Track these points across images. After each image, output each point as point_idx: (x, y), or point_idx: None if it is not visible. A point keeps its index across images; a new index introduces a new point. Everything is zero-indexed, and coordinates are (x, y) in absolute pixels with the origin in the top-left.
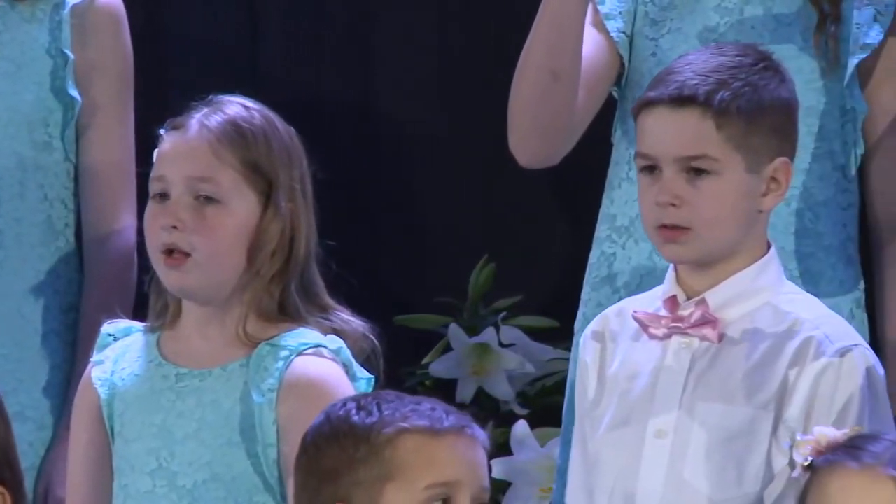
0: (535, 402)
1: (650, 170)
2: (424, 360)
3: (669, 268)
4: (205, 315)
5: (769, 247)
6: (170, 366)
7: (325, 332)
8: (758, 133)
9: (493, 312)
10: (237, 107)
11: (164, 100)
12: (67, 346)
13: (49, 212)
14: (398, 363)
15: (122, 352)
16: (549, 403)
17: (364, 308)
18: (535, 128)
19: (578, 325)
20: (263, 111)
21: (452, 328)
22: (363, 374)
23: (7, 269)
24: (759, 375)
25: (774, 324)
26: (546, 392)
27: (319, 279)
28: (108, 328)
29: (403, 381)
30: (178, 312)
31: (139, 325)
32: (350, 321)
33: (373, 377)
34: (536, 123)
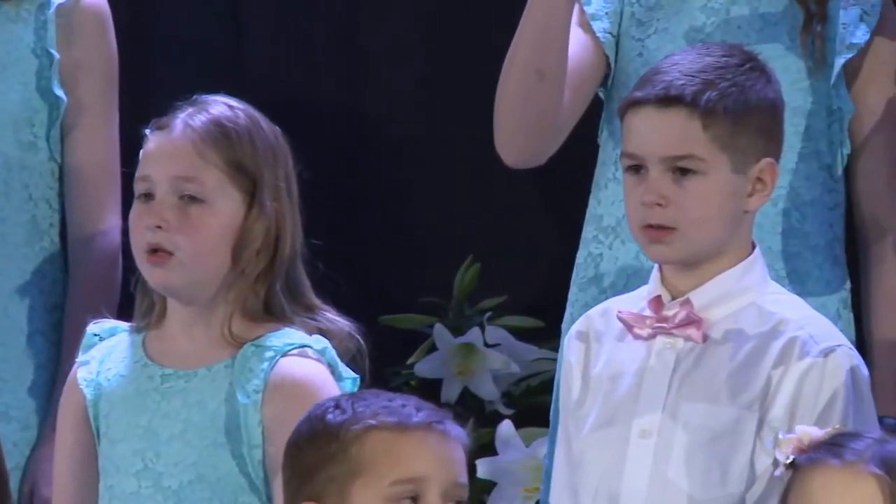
0: (521, 402)
1: (636, 169)
2: (409, 360)
3: (654, 268)
4: (190, 315)
5: (754, 247)
6: (155, 366)
7: (311, 332)
8: (744, 133)
9: (479, 312)
10: (222, 106)
11: (149, 100)
12: (52, 346)
13: (34, 212)
14: (383, 363)
15: (108, 352)
16: (535, 403)
17: (349, 308)
18: (522, 128)
19: (566, 326)
20: (248, 111)
21: (437, 328)
22: (348, 374)
23: None
24: (744, 376)
25: (759, 324)
26: (531, 392)
27: (305, 279)
28: (94, 328)
29: (389, 381)
30: (164, 312)
31: (124, 325)
32: (336, 321)
33: (358, 377)
34: (522, 123)
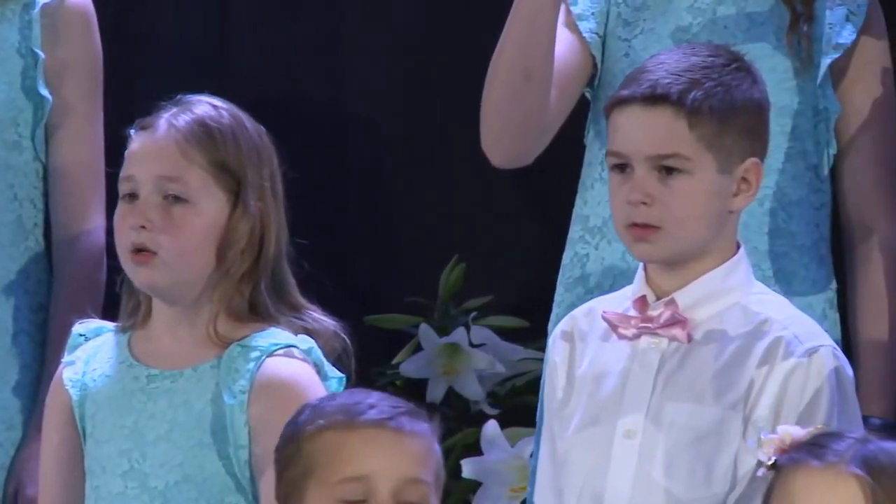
0: (506, 402)
1: (621, 168)
2: (395, 360)
3: (639, 267)
4: (175, 315)
5: (739, 247)
6: (141, 367)
7: (297, 332)
8: (729, 133)
9: (464, 312)
10: (206, 106)
11: (134, 100)
12: (37, 346)
13: (19, 211)
14: (369, 363)
15: (94, 352)
16: (520, 403)
17: (334, 308)
18: (508, 128)
19: (551, 326)
20: (232, 110)
21: (423, 328)
22: (334, 374)
23: None
24: (729, 376)
25: (744, 324)
26: (516, 392)
27: (291, 278)
28: (80, 328)
29: (374, 381)
30: (149, 312)
31: (110, 326)
32: (321, 320)
33: (344, 376)
34: (509, 124)
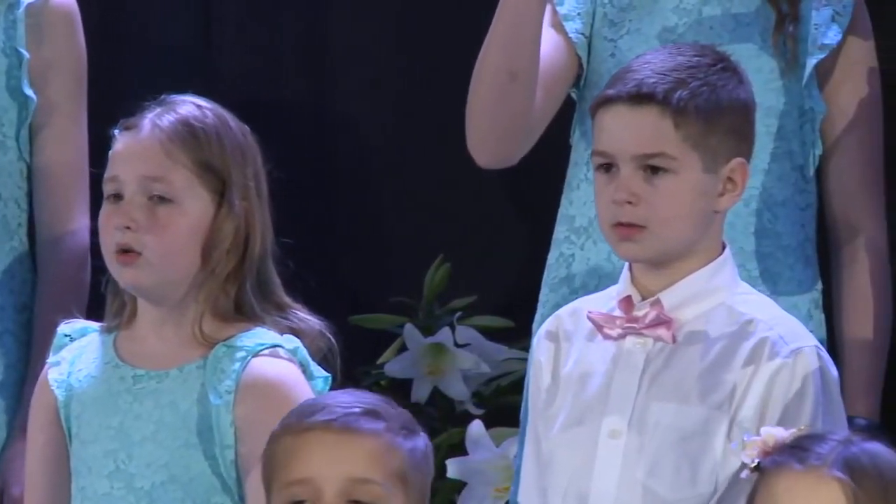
0: (491, 402)
1: (607, 168)
2: (380, 360)
3: (624, 267)
4: (160, 315)
5: (724, 247)
6: (127, 367)
7: (282, 331)
8: (715, 133)
9: (449, 312)
10: (190, 106)
11: (118, 100)
12: (22, 346)
13: (3, 211)
14: (354, 363)
15: (79, 353)
16: (505, 403)
17: (319, 307)
18: (494, 129)
19: (536, 326)
20: (216, 110)
21: (408, 328)
22: (320, 373)
23: None
24: (714, 376)
25: (729, 324)
26: (501, 392)
27: (276, 277)
28: (65, 328)
29: (359, 381)
30: (135, 312)
31: (95, 326)
32: (307, 319)
33: (329, 376)
34: (494, 124)
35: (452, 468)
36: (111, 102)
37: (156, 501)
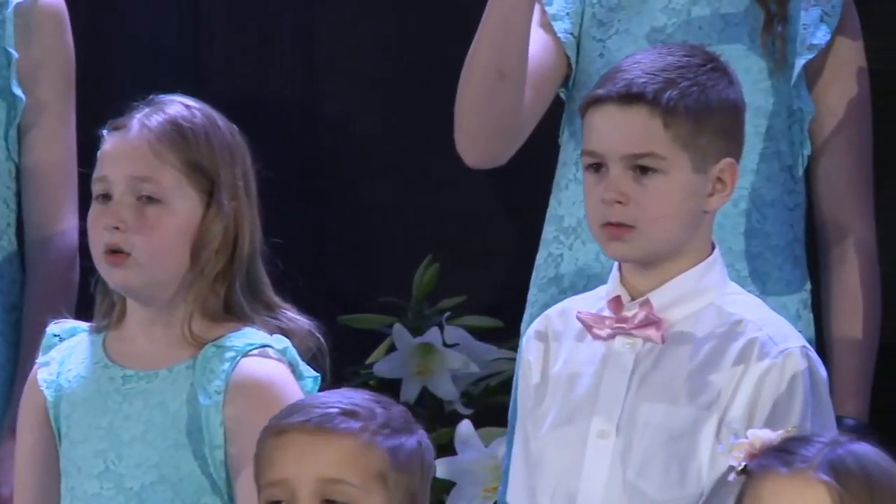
0: (480, 402)
1: (596, 168)
2: (369, 360)
3: (613, 268)
4: (149, 316)
5: (713, 248)
6: (116, 367)
7: (271, 331)
8: (705, 133)
9: (438, 312)
10: (178, 106)
11: (106, 100)
12: (11, 346)
13: None
14: (343, 363)
15: (68, 353)
16: (494, 403)
17: (308, 307)
18: (482, 128)
19: (525, 326)
20: (205, 110)
21: (397, 328)
22: (309, 373)
23: None
24: (703, 376)
25: (718, 325)
26: (490, 392)
27: (265, 277)
28: (54, 328)
29: (348, 381)
30: (124, 313)
31: (84, 326)
32: (296, 319)
33: (319, 376)
34: (483, 124)
35: (441, 468)
36: (100, 102)
37: (145, 502)
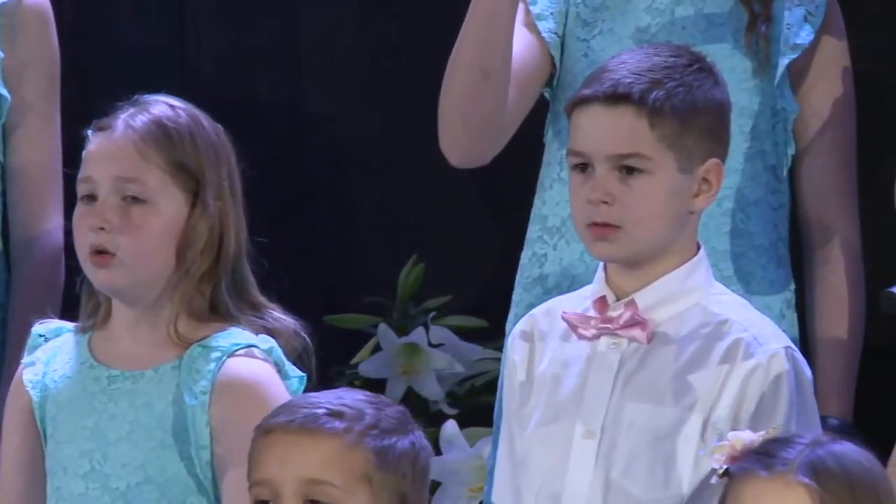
0: (465, 402)
1: (582, 168)
2: (354, 360)
3: (599, 268)
4: (135, 316)
5: (699, 248)
6: (101, 368)
7: (257, 331)
8: (691, 133)
9: (423, 312)
10: (163, 106)
11: (91, 100)
12: None
13: None
14: (328, 363)
15: (54, 353)
16: (479, 403)
17: (293, 307)
18: (466, 127)
19: (510, 326)
20: (190, 110)
21: (382, 328)
22: (295, 373)
23: None
24: (688, 377)
25: (704, 325)
26: (475, 392)
27: (251, 277)
28: (39, 328)
29: (333, 381)
30: (109, 313)
31: (70, 326)
32: (282, 319)
33: (305, 376)
34: (467, 123)
35: None
36: (84, 102)
37: (131, 502)
